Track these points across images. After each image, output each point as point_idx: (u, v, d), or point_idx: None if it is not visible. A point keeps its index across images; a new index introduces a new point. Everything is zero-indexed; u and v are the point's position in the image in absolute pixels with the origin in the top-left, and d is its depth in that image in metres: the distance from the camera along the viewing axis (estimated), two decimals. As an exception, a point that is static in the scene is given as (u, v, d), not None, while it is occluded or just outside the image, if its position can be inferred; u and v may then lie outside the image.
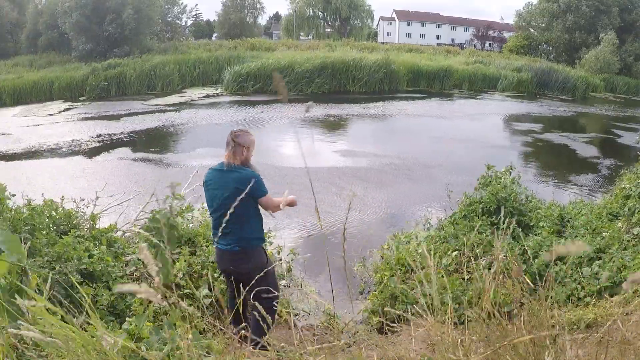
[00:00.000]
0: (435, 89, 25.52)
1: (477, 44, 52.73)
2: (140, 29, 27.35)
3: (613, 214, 5.03)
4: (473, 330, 1.54)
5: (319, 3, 48.27)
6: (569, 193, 8.49)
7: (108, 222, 4.53)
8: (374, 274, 4.82)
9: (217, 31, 47.37)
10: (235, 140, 3.00)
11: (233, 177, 2.95)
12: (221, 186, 2.99)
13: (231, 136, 3.02)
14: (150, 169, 9.94)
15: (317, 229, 6.51)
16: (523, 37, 39.43)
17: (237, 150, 3.00)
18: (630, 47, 33.58)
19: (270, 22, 68.98)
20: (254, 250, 3.07)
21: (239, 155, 3.01)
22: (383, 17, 66.61)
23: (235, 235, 2.95)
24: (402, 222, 6.71)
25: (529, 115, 19.15)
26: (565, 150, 13.19)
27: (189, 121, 15.54)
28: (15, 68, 25.48)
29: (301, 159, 11.06)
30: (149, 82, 22.92)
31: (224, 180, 2.98)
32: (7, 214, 3.37)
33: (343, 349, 1.61)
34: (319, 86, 22.77)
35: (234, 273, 3.02)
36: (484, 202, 4.93)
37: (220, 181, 3.01)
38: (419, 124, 16.45)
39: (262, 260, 3.06)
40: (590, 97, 27.07)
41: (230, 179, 2.96)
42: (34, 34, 30.22)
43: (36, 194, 4.31)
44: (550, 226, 4.87)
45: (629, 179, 5.35)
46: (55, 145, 12.23)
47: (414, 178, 9.54)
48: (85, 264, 3.22)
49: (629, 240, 4.19)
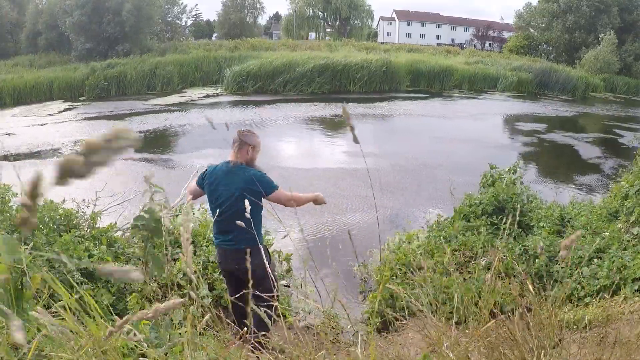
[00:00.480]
0: (436, 89, 25.53)
1: (477, 44, 52.75)
2: (140, 27, 27.33)
3: (613, 214, 5.03)
4: (473, 330, 1.54)
5: (319, 3, 48.27)
6: (574, 193, 8.48)
7: (108, 222, 4.53)
8: (374, 274, 4.83)
9: (217, 31, 47.37)
10: (242, 139, 3.02)
11: (241, 176, 2.96)
12: (228, 185, 2.96)
13: (238, 135, 3.05)
14: (150, 169, 9.94)
15: (318, 230, 6.51)
16: (523, 37, 39.44)
17: (243, 149, 3.02)
18: (630, 47, 33.58)
19: (270, 22, 68.98)
20: (258, 247, 3.06)
21: (244, 154, 3.02)
22: (383, 17, 66.62)
23: (241, 233, 2.95)
24: (403, 222, 6.71)
25: (530, 115, 19.15)
26: (568, 150, 13.19)
27: (189, 121, 15.54)
28: (15, 68, 25.48)
29: (303, 159, 11.07)
30: (149, 82, 22.93)
31: (231, 180, 2.97)
32: (7, 214, 3.38)
33: (343, 348, 1.61)
34: (319, 86, 22.77)
35: (237, 272, 3.01)
36: (485, 203, 4.93)
37: (226, 180, 2.99)
38: (421, 123, 16.45)
39: (264, 257, 3.06)
40: (590, 97, 27.07)
41: (238, 178, 2.96)
42: (34, 33, 30.22)
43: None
44: (551, 226, 4.88)
45: (626, 179, 5.35)
46: (55, 145, 12.23)
47: (415, 178, 9.54)
48: (85, 264, 3.22)
49: (628, 240, 4.19)
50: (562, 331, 1.51)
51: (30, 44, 30.30)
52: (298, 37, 45.92)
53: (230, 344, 1.71)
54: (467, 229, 4.80)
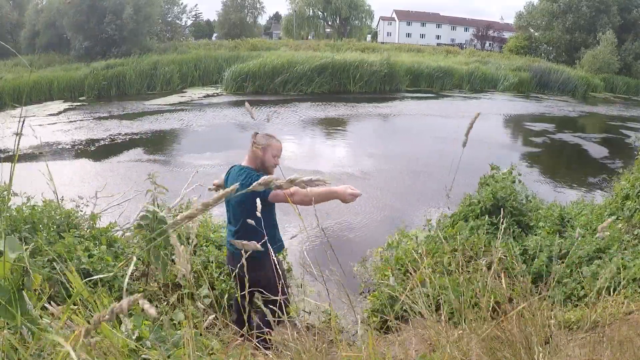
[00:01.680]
0: (436, 89, 25.53)
1: (477, 44, 52.77)
2: (140, 29, 27.31)
3: (613, 214, 5.03)
4: (472, 329, 1.54)
5: (319, 3, 48.29)
6: (579, 193, 8.48)
7: (108, 222, 4.53)
8: (373, 274, 4.83)
9: (217, 31, 47.41)
10: (253, 141, 2.87)
11: (239, 180, 2.82)
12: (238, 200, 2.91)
13: (251, 137, 2.89)
14: (150, 169, 9.94)
15: (318, 229, 6.51)
16: (523, 38, 39.44)
17: (252, 152, 2.87)
18: (630, 47, 33.57)
19: (270, 22, 69.01)
20: (262, 259, 2.83)
21: (252, 158, 2.89)
22: (383, 17, 66.66)
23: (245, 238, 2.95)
24: (404, 222, 6.72)
25: (532, 115, 19.15)
26: (571, 150, 13.18)
27: (190, 121, 15.54)
28: (15, 68, 25.47)
29: (303, 159, 11.06)
30: (149, 82, 22.90)
31: (233, 184, 2.95)
32: (6, 214, 3.38)
33: (342, 348, 1.62)
34: (319, 86, 22.75)
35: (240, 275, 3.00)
36: (482, 202, 4.94)
37: (229, 184, 2.98)
38: (422, 123, 16.44)
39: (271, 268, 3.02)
40: (590, 97, 27.07)
41: (235, 182, 2.82)
42: (33, 33, 30.23)
43: (36, 194, 4.31)
44: (551, 226, 4.88)
45: (627, 179, 5.35)
46: (55, 146, 12.23)
47: (415, 178, 9.54)
48: (85, 264, 3.22)
49: (628, 241, 4.20)
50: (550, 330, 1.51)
51: (30, 43, 30.30)
52: (298, 37, 45.95)
53: (232, 341, 1.71)
54: (466, 228, 4.80)
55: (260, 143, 2.84)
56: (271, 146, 2.88)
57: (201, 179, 8.89)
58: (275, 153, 2.90)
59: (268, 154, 2.87)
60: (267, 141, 2.87)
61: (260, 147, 2.83)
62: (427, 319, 1.52)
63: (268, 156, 2.87)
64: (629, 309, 2.67)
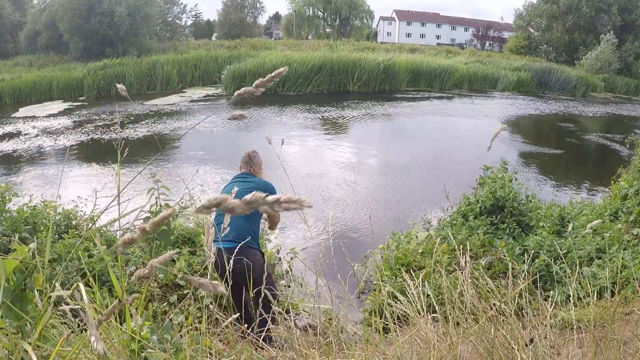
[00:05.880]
0: (436, 88, 25.51)
1: (477, 44, 52.80)
2: (137, 29, 27.22)
3: (613, 214, 5.03)
4: (468, 329, 1.55)
5: (319, 3, 48.28)
6: (579, 193, 8.48)
7: (108, 222, 4.53)
8: (373, 274, 4.83)
9: (217, 31, 47.41)
10: (252, 161, 3.52)
11: (255, 182, 3.40)
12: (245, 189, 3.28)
13: (247, 156, 3.52)
14: (150, 169, 9.93)
15: (320, 230, 6.51)
16: (523, 37, 39.44)
17: (254, 171, 3.52)
18: (630, 47, 33.56)
19: (270, 22, 68.97)
20: (255, 249, 3.26)
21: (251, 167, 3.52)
22: (383, 17, 66.64)
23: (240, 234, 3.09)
24: (404, 222, 6.72)
25: (532, 115, 19.15)
26: (571, 150, 13.19)
27: (190, 121, 15.55)
28: (15, 68, 25.48)
29: (303, 159, 11.06)
30: (148, 82, 22.90)
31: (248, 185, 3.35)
32: (6, 214, 3.38)
33: (342, 348, 1.62)
34: (317, 85, 22.74)
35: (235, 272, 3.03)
36: (482, 201, 4.94)
37: (244, 185, 3.34)
38: (422, 123, 16.44)
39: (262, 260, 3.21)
40: (590, 97, 27.07)
41: (254, 184, 3.37)
42: (33, 34, 30.22)
43: (36, 195, 4.31)
44: (551, 226, 4.88)
45: (625, 179, 5.35)
46: (55, 146, 12.23)
47: (416, 177, 9.54)
48: (85, 264, 3.22)
49: (629, 241, 4.20)
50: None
51: (30, 44, 30.29)
52: (298, 37, 45.93)
53: (232, 340, 1.72)
54: (465, 228, 4.80)
55: (259, 163, 3.53)
56: (261, 161, 3.59)
57: (201, 178, 8.91)
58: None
59: (262, 168, 3.58)
60: (261, 159, 3.56)
61: (259, 165, 3.52)
62: (427, 319, 1.52)
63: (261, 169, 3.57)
64: (629, 309, 2.67)
